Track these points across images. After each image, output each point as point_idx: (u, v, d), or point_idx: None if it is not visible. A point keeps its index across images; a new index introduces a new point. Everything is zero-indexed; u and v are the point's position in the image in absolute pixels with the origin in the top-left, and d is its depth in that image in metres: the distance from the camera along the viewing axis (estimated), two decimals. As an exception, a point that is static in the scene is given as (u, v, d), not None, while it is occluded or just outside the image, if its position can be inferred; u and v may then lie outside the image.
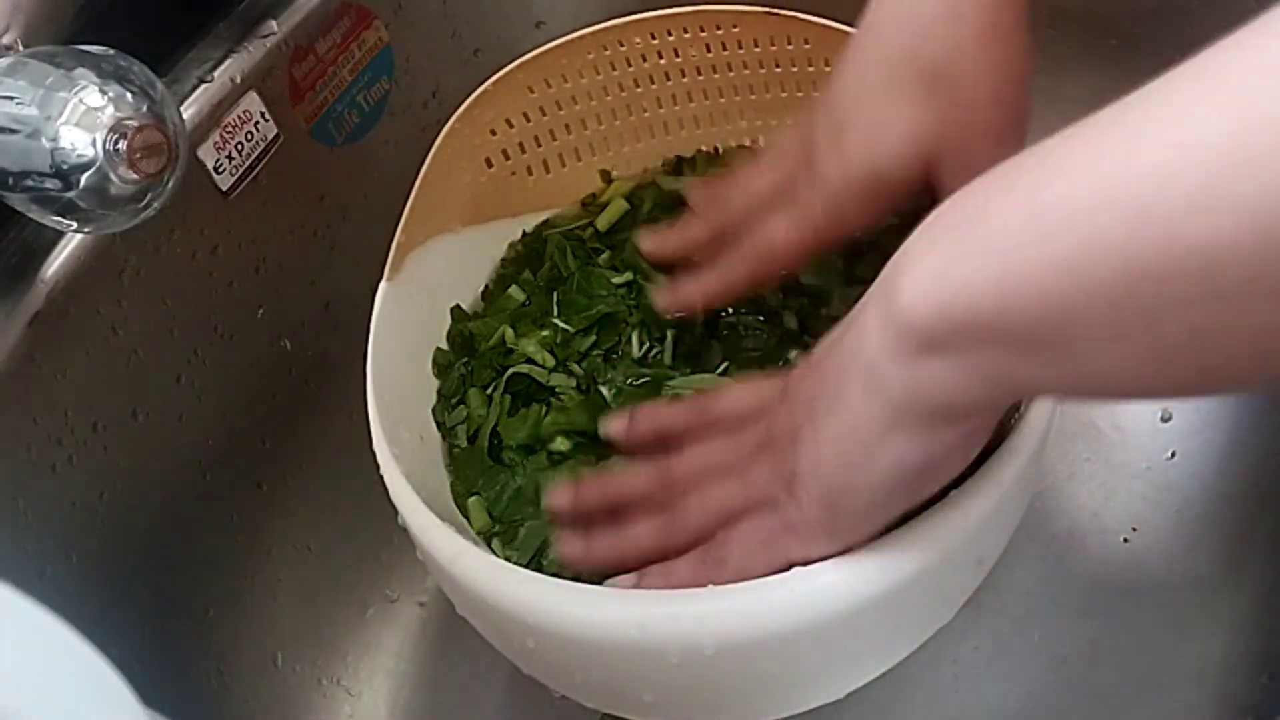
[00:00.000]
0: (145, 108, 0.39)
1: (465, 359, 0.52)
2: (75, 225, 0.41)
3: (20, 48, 0.40)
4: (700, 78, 0.57)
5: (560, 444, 0.49)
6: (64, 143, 0.38)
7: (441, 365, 0.52)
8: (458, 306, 0.54)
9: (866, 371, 0.33)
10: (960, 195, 0.31)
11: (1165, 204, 0.24)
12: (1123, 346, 0.27)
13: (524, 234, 0.57)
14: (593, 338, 0.52)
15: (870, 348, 0.33)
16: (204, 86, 0.52)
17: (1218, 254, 0.24)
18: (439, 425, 0.51)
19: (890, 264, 0.32)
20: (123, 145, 0.39)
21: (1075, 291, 0.26)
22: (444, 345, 0.53)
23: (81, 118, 0.38)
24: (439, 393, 0.52)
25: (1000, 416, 0.37)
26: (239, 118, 0.53)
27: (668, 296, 0.49)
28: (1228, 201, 0.23)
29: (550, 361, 0.52)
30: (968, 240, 0.29)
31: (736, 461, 0.41)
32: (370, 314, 0.47)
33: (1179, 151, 0.24)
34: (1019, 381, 0.31)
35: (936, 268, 0.30)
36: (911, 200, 0.41)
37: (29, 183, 0.39)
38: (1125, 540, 0.60)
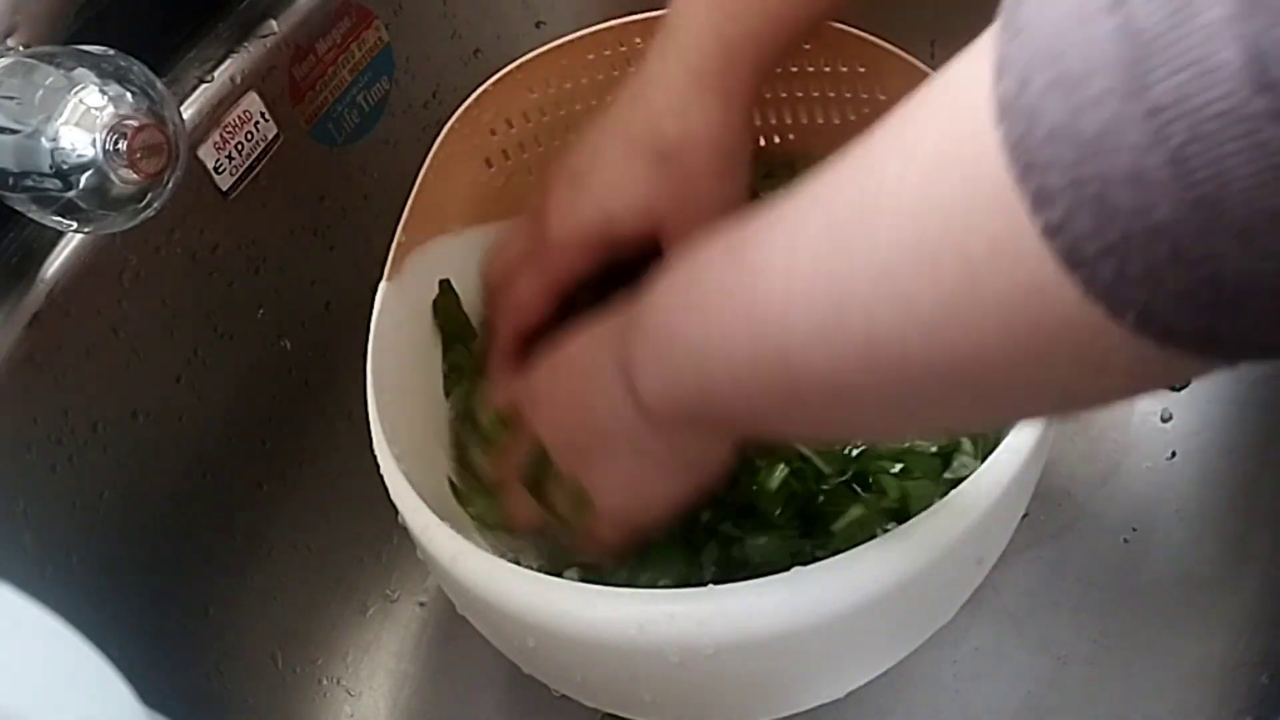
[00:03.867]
0: (145, 108, 0.39)
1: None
2: (75, 225, 0.41)
3: (20, 48, 0.40)
4: (700, 78, 0.57)
5: None
6: (64, 143, 0.38)
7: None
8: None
9: (631, 438, 0.41)
10: (658, 298, 0.38)
11: (796, 347, 0.30)
12: (806, 423, 0.36)
13: None
14: None
15: (627, 421, 0.41)
16: (204, 86, 0.52)
17: (835, 381, 0.29)
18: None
19: (622, 346, 0.40)
20: (123, 145, 0.39)
21: (752, 393, 0.34)
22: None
23: (81, 118, 0.38)
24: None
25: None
26: (239, 118, 0.53)
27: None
28: (838, 336, 0.28)
29: None
30: (674, 356, 0.38)
31: None
32: (370, 314, 0.47)
33: (793, 302, 0.30)
34: (753, 436, 0.42)
35: (661, 374, 0.39)
36: (637, 251, 0.47)
37: (29, 183, 0.39)
38: (1125, 540, 0.60)
